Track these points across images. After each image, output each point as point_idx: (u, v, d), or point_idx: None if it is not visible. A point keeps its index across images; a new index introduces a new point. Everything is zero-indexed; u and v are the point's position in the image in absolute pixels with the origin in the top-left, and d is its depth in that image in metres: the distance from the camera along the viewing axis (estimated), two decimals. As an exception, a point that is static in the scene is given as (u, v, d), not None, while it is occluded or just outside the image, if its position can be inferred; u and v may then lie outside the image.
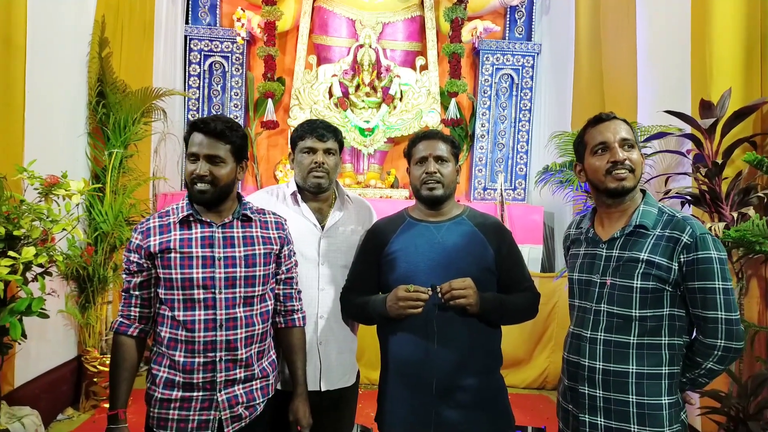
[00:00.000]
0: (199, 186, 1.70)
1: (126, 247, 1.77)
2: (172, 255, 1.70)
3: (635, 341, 1.60)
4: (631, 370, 1.60)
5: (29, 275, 2.50)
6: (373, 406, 2.04)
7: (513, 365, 4.24)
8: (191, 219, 1.74)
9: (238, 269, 1.74)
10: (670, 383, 1.61)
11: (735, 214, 2.70)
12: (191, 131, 1.73)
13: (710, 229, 2.52)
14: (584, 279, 1.73)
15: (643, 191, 1.72)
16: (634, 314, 1.60)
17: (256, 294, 1.78)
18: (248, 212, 1.82)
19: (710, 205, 2.82)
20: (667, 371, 1.60)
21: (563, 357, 1.79)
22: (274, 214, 1.91)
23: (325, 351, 2.05)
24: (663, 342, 1.60)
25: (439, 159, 1.91)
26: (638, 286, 1.59)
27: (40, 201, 2.68)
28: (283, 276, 1.89)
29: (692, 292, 1.57)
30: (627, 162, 1.63)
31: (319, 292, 2.05)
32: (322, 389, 2.03)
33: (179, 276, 1.69)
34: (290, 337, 1.91)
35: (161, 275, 1.71)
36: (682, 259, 1.57)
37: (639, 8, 3.80)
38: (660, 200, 2.88)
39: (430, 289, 1.76)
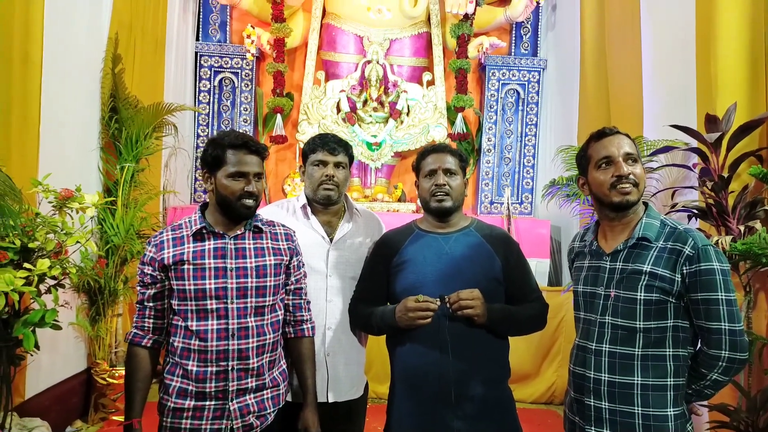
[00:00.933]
0: (248, 202, 1.76)
1: (140, 259, 1.81)
2: (186, 267, 1.73)
3: (640, 353, 1.61)
4: (636, 382, 1.61)
5: (43, 287, 2.54)
6: (380, 420, 2.04)
7: (520, 380, 4.21)
8: (204, 231, 1.78)
9: (249, 279, 1.77)
10: (676, 394, 1.61)
11: (742, 228, 2.70)
12: (229, 149, 1.75)
13: (717, 242, 2.53)
14: (589, 291, 1.75)
15: (646, 204, 1.74)
16: (638, 326, 1.61)
17: (267, 304, 1.81)
18: (259, 224, 1.86)
19: (717, 218, 2.83)
20: (672, 383, 1.60)
21: (569, 369, 1.80)
22: (283, 225, 1.95)
23: (333, 362, 2.06)
24: (667, 353, 1.61)
25: (447, 171, 1.94)
26: (642, 298, 1.61)
27: (54, 214, 2.73)
28: (292, 286, 1.92)
29: (695, 303, 1.58)
30: (631, 176, 1.65)
31: (327, 303, 2.07)
32: (330, 401, 2.04)
33: (192, 287, 1.73)
34: (300, 346, 1.94)
35: (175, 287, 1.75)
36: (684, 271, 1.58)
37: (644, 23, 3.82)
38: (667, 214, 2.88)
39: (438, 299, 1.79)
